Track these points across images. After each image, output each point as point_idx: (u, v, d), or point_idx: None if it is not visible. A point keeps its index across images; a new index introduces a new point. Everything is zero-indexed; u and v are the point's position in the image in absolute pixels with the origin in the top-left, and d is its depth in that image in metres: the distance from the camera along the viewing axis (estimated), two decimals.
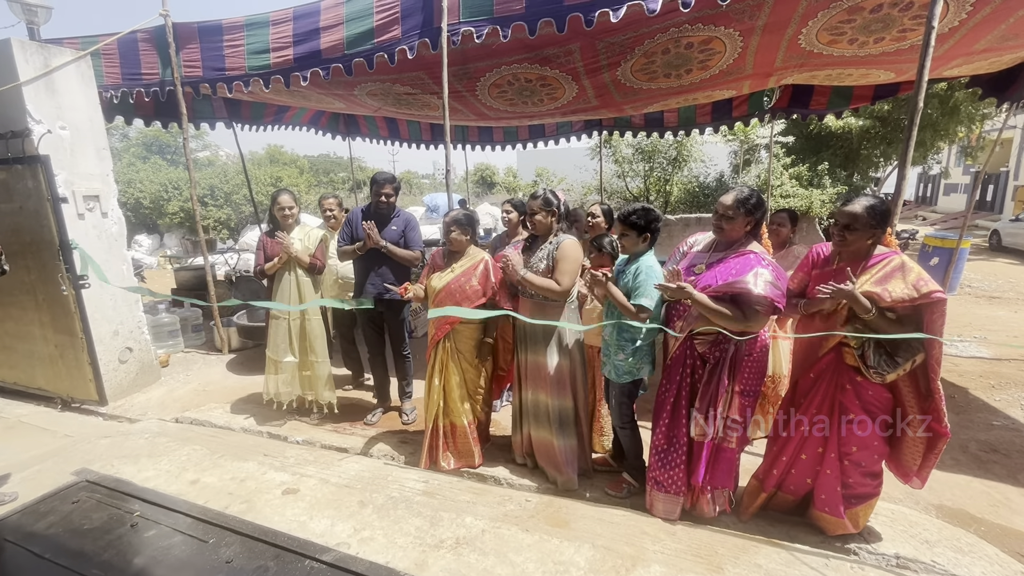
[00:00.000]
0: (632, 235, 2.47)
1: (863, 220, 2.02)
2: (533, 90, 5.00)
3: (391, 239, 3.39)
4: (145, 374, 4.26)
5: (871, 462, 2.14)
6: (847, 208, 2.07)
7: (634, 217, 2.45)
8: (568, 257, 2.62)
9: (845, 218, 2.05)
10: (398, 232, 3.47)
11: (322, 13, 3.64)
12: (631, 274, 2.46)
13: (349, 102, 5.57)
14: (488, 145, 8.46)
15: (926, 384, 2.04)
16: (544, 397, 2.69)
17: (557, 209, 2.74)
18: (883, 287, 1.97)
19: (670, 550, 2.16)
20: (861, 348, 2.03)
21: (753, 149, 12.49)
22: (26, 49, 3.47)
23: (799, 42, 4.04)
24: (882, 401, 2.09)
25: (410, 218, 3.62)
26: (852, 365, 2.10)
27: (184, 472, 2.83)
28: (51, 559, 2.13)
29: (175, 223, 14.38)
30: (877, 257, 2.07)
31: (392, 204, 3.48)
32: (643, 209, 2.47)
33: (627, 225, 2.47)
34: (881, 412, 2.10)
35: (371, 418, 3.59)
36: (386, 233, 3.39)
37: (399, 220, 3.52)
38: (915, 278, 1.95)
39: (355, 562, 2.07)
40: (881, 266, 2.03)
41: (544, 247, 2.72)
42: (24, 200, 3.64)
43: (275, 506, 2.49)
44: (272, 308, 3.47)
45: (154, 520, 2.36)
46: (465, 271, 2.81)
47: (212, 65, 4.06)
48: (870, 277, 2.02)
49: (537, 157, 24.48)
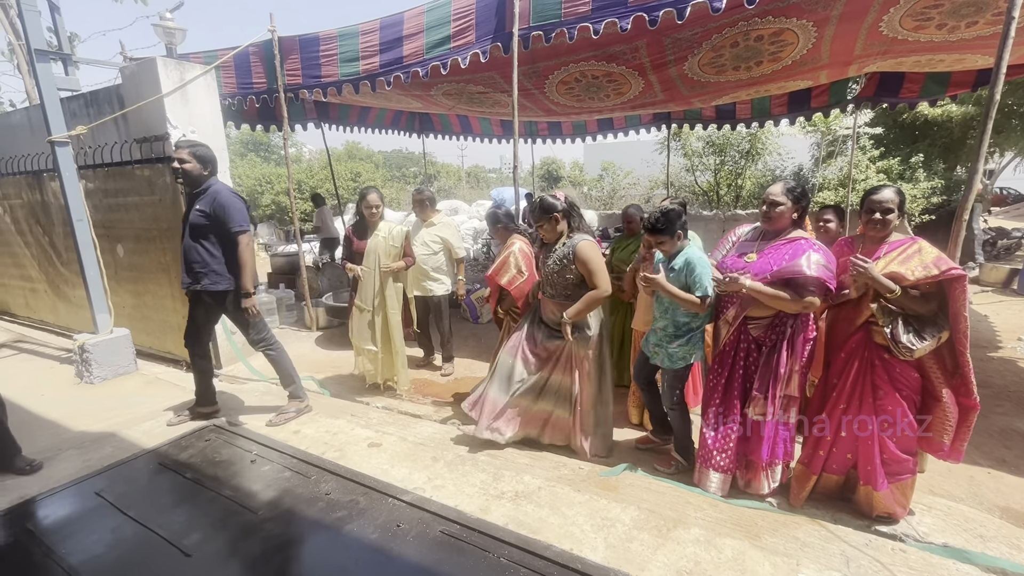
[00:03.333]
0: (667, 239, 2.55)
1: (899, 205, 2.20)
2: (599, 86, 5.13)
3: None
4: (249, 345, 4.91)
5: (903, 439, 2.23)
6: (879, 195, 2.21)
7: (659, 224, 2.52)
8: (591, 259, 2.69)
9: (884, 204, 2.19)
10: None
11: (405, 23, 4.01)
12: (682, 268, 2.56)
13: (426, 102, 5.99)
14: (557, 138, 8.66)
15: (952, 360, 2.16)
16: (559, 378, 2.92)
17: (561, 211, 2.79)
18: (905, 267, 2.13)
19: (711, 518, 2.32)
20: (890, 326, 2.14)
21: (837, 141, 11.75)
22: (167, 65, 4.14)
23: (880, 29, 3.89)
24: (910, 380, 2.20)
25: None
26: (881, 344, 2.21)
27: (287, 424, 3.33)
28: (193, 480, 2.66)
29: (267, 214, 15.80)
30: (895, 243, 2.23)
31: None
32: (662, 214, 2.53)
33: (656, 233, 2.55)
34: (908, 389, 2.20)
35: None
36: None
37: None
38: (934, 258, 2.11)
39: (429, 503, 2.42)
40: (901, 250, 2.19)
41: (557, 249, 2.81)
42: (163, 193, 4.34)
43: (362, 455, 2.91)
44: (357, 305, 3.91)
45: (267, 459, 2.86)
46: (503, 258, 3.22)
47: (310, 73, 4.58)
48: (892, 259, 2.17)
49: (603, 151, 24.23)
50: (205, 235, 3.07)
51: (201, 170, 3.10)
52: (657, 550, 2.10)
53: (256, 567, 2.06)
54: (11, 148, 5.42)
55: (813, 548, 2.11)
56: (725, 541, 2.14)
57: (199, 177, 3.10)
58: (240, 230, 3.07)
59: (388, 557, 2.08)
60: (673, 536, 2.18)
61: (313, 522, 2.31)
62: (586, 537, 2.19)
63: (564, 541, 2.15)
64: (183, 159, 3.04)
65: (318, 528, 2.28)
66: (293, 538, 2.22)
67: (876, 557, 2.04)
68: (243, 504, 2.43)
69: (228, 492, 2.53)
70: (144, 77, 4.12)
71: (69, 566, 2.06)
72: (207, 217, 3.04)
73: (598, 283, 2.71)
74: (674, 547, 2.12)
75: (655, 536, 2.18)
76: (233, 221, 3.05)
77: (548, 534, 2.20)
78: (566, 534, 2.20)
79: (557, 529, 2.24)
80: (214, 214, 3.05)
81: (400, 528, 2.24)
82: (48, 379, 4.34)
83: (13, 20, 8.19)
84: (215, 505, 2.45)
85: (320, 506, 2.41)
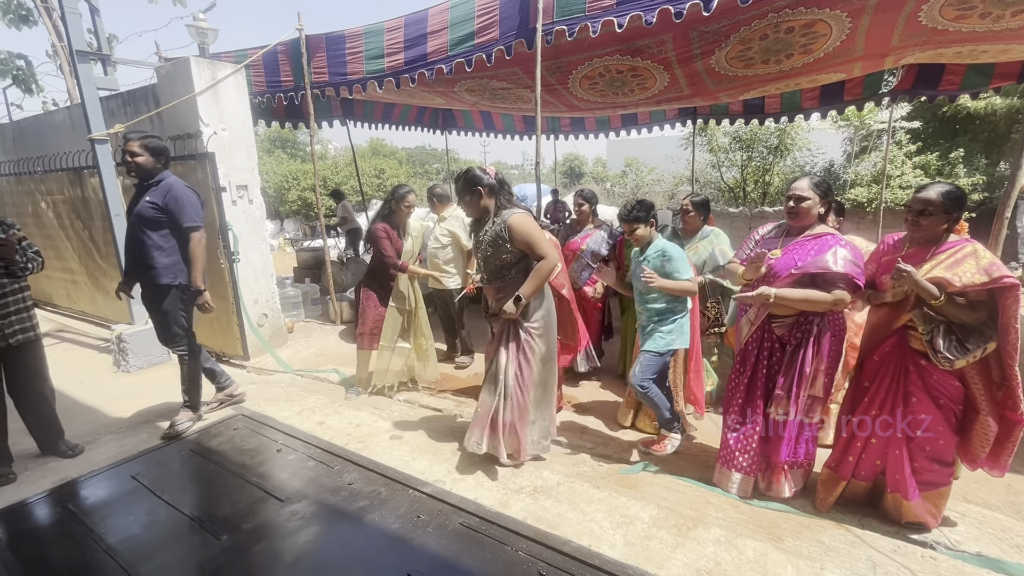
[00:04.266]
0: (642, 228, 2.78)
1: (938, 206, 2.03)
2: (624, 81, 5.07)
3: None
4: (276, 337, 5.04)
5: (937, 448, 2.13)
6: (921, 194, 2.07)
7: (636, 212, 2.76)
8: (528, 231, 2.50)
9: (919, 204, 2.06)
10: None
11: (429, 19, 4.03)
12: (657, 260, 2.75)
13: (449, 98, 6.02)
14: (580, 134, 8.60)
15: (1000, 372, 2.01)
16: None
17: (487, 186, 2.61)
18: (952, 272, 1.97)
19: (732, 519, 2.28)
20: (930, 333, 2.02)
21: (871, 136, 11.35)
22: (199, 65, 4.26)
23: (919, 19, 3.73)
24: (948, 388, 2.08)
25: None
26: (918, 349, 2.10)
27: (312, 415, 3.41)
28: (222, 466, 2.75)
29: (293, 210, 16.13)
30: (949, 244, 2.06)
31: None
32: (638, 203, 2.79)
33: (633, 221, 2.77)
34: (945, 398, 2.08)
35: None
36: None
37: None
38: (987, 263, 1.94)
39: (449, 495, 2.45)
40: (952, 252, 2.03)
41: (488, 229, 2.61)
42: (196, 189, 4.47)
43: (384, 447, 2.96)
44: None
45: (292, 448, 2.93)
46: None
47: (336, 71, 4.65)
48: (939, 263, 2.02)
49: (626, 146, 23.95)
50: (154, 227, 2.99)
51: (154, 163, 3.02)
52: (676, 549, 2.09)
53: (281, 552, 2.13)
54: (54, 146, 5.67)
55: (838, 552, 2.06)
56: (746, 542, 2.11)
57: (152, 170, 3.02)
58: (192, 226, 2.99)
59: (408, 547, 2.12)
60: (693, 535, 2.16)
61: (336, 510, 2.37)
62: (604, 533, 2.18)
63: (582, 537, 2.16)
64: (134, 152, 2.94)
65: (341, 516, 2.33)
66: (317, 525, 2.28)
67: (905, 564, 1.99)
68: (269, 491, 2.51)
69: (255, 479, 2.61)
70: (178, 76, 4.26)
71: (107, 545, 2.16)
72: (158, 210, 2.97)
73: (542, 253, 2.51)
74: (694, 546, 2.10)
75: (674, 535, 2.17)
76: (185, 216, 2.98)
77: (566, 529, 2.21)
78: (584, 530, 2.21)
79: (575, 525, 2.24)
80: (166, 207, 2.97)
81: (420, 519, 2.28)
82: (87, 367, 4.54)
83: (56, 23, 8.54)
84: (243, 491, 2.53)
85: (343, 495, 2.47)
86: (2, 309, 2.60)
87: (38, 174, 6.00)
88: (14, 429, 2.79)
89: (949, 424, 2.11)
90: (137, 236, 3.00)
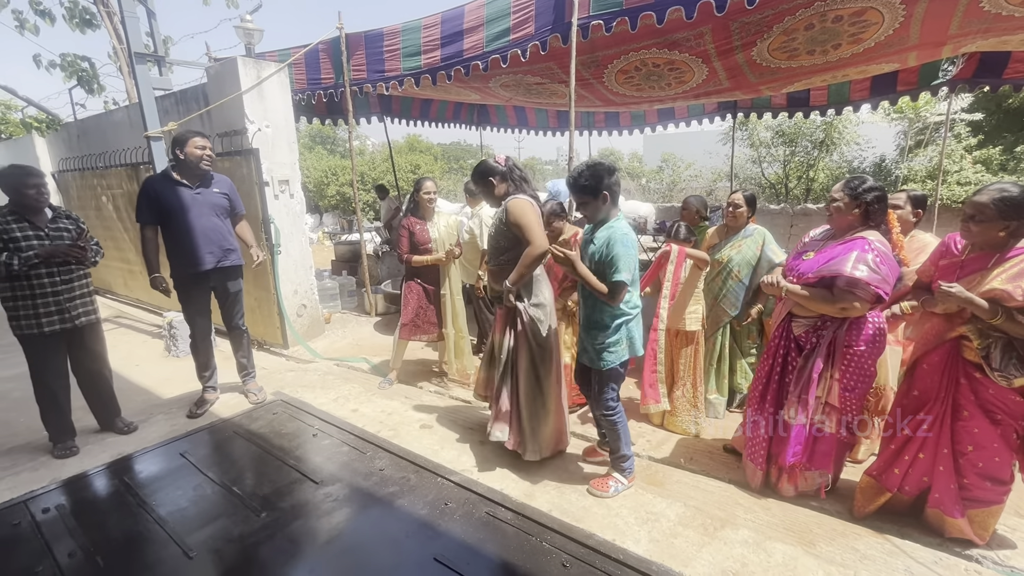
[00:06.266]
0: (590, 200, 2.23)
1: (989, 212, 1.85)
2: (660, 74, 4.98)
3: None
4: (314, 327, 5.22)
5: (991, 465, 1.97)
6: (974, 198, 1.91)
7: (583, 180, 2.20)
8: (521, 215, 2.46)
9: (970, 208, 1.91)
10: None
11: (466, 16, 4.07)
12: (601, 243, 2.22)
13: (484, 94, 6.06)
14: (615, 130, 8.49)
15: None
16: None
17: (499, 174, 2.59)
18: (1016, 284, 1.77)
19: (762, 521, 2.24)
20: (986, 349, 1.86)
21: (927, 129, 10.72)
22: (246, 64, 4.44)
23: (980, 5, 3.51)
24: (1008, 403, 1.90)
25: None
26: (972, 360, 1.95)
27: (347, 402, 3.54)
28: (262, 448, 2.89)
29: (332, 204, 16.59)
30: (1017, 251, 1.85)
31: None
32: (587, 168, 2.21)
33: (579, 191, 2.22)
34: (1003, 414, 1.92)
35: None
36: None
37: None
38: None
39: (476, 484, 2.50)
40: (1017, 261, 1.83)
41: (496, 213, 2.65)
42: (240, 184, 4.66)
43: (414, 436, 3.04)
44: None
45: (327, 433, 3.05)
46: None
47: (374, 68, 4.75)
48: (1003, 271, 1.83)
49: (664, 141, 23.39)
50: (224, 215, 3.41)
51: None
52: (702, 548, 2.06)
53: (316, 530, 2.23)
54: (114, 143, 6.04)
55: (874, 561, 1.99)
56: (776, 545, 2.07)
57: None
58: (244, 212, 3.60)
59: (436, 532, 2.18)
60: (720, 536, 2.13)
61: (367, 494, 2.46)
62: (629, 529, 2.18)
63: (607, 531, 2.17)
64: (213, 151, 3.39)
65: (372, 500, 2.42)
66: (349, 508, 2.37)
67: None
68: (305, 473, 2.62)
69: (292, 461, 2.73)
70: (226, 76, 4.46)
71: (158, 516, 2.32)
72: (228, 199, 3.42)
73: (531, 239, 2.44)
74: (720, 547, 2.07)
75: (701, 534, 2.15)
76: (240, 204, 3.56)
77: (591, 523, 2.22)
78: (609, 524, 2.21)
79: (600, 519, 2.25)
80: (231, 197, 3.45)
81: (448, 506, 2.34)
82: (141, 351, 4.83)
83: (117, 26, 9.05)
84: (281, 472, 2.66)
85: (374, 480, 2.56)
86: (69, 293, 2.81)
87: (99, 169, 6.41)
88: (76, 407, 3.01)
89: (1007, 441, 1.94)
90: (213, 224, 3.33)
